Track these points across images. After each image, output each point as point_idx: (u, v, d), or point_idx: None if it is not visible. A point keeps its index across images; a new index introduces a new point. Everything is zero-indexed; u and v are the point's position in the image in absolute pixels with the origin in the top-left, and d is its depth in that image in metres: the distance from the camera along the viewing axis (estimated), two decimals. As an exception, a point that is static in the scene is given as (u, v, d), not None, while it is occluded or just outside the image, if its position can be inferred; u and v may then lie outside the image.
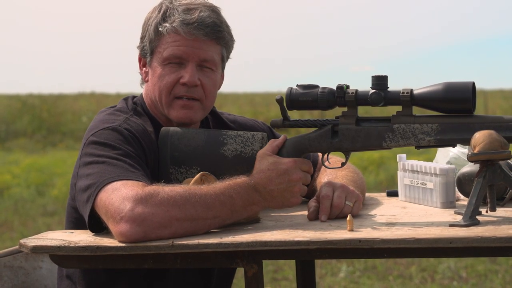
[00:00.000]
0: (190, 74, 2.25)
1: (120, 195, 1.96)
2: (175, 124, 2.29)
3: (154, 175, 2.17)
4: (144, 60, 2.32)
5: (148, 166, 2.16)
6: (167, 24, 2.24)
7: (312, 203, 2.16)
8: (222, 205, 2.00)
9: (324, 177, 2.31)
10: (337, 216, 2.13)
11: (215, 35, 2.26)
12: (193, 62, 2.25)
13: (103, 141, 2.12)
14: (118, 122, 2.19)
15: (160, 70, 2.26)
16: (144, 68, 2.33)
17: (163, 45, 2.25)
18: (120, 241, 1.95)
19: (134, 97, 2.36)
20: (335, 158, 2.36)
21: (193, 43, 2.24)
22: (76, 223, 2.21)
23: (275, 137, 2.42)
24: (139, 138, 2.18)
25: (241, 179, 2.05)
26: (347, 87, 2.14)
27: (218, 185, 2.03)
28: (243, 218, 2.07)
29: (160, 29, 2.24)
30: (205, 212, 1.97)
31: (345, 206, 2.13)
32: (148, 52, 2.28)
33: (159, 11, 2.26)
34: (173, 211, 1.94)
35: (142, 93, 2.36)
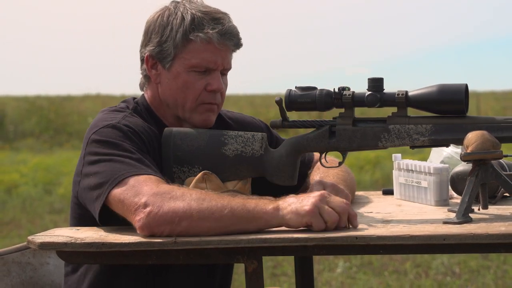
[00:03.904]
0: (218, 82, 2.27)
1: (135, 190, 1.99)
2: (187, 125, 2.30)
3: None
4: (156, 62, 2.28)
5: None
6: (200, 34, 2.22)
7: None
8: (239, 222, 1.95)
9: (317, 175, 2.32)
10: None
11: (239, 45, 2.30)
12: (218, 70, 2.27)
13: (105, 139, 2.14)
14: (117, 119, 2.20)
15: (185, 76, 2.25)
16: (153, 70, 2.29)
17: (192, 52, 2.24)
18: (141, 234, 1.97)
19: (134, 98, 2.36)
20: (331, 158, 2.38)
21: (221, 53, 2.25)
22: (79, 218, 2.24)
23: (272, 134, 2.46)
24: (139, 133, 2.19)
25: (279, 214, 1.96)
26: (349, 89, 2.16)
27: (250, 203, 1.97)
28: None
29: (191, 37, 2.22)
30: (217, 220, 1.95)
31: None
32: (169, 57, 2.25)
33: (183, 18, 2.23)
34: (193, 205, 1.94)
35: (144, 94, 2.35)
